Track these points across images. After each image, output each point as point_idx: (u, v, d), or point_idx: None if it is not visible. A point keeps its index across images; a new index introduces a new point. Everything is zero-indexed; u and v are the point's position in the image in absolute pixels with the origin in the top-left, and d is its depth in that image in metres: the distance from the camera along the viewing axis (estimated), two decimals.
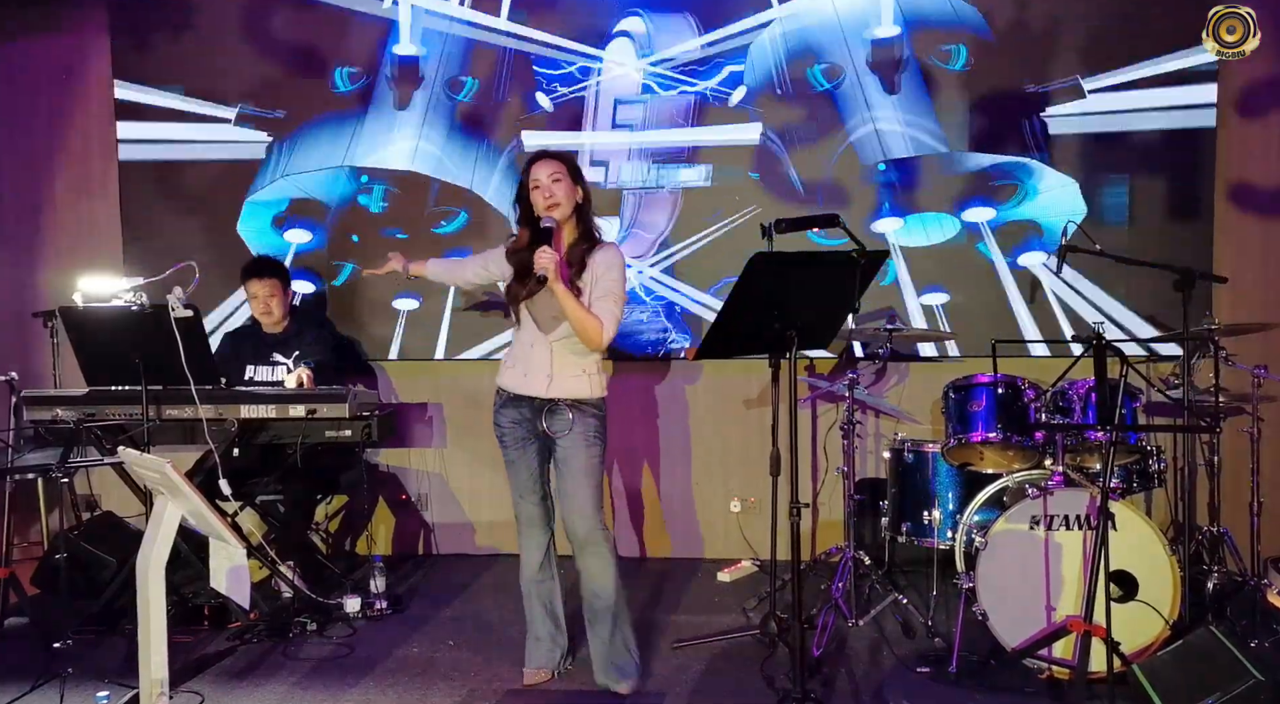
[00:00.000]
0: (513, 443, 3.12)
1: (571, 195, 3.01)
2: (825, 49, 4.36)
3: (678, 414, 4.61)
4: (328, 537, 4.60)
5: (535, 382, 3.03)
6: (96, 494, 4.64)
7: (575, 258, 3.01)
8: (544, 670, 3.22)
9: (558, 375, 3.02)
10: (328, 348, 4.23)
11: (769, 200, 4.40)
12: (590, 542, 3.04)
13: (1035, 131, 4.26)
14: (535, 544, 3.18)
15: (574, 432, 3.01)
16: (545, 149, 3.11)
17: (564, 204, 2.99)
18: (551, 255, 2.87)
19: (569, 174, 3.01)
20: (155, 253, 4.59)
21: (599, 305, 2.96)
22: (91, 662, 3.34)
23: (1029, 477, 3.46)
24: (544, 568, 3.20)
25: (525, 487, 3.15)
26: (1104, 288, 4.25)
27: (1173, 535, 3.82)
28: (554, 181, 2.98)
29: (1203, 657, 2.84)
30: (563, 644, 3.25)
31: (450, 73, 4.54)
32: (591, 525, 3.03)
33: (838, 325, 2.93)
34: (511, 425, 3.11)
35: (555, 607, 3.24)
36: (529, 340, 3.06)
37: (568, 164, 3.03)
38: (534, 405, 3.06)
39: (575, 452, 3.02)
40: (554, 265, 2.87)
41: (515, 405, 3.10)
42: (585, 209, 3.06)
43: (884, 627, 3.60)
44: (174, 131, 4.65)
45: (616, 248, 3.08)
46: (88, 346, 3.47)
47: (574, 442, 3.02)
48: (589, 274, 2.99)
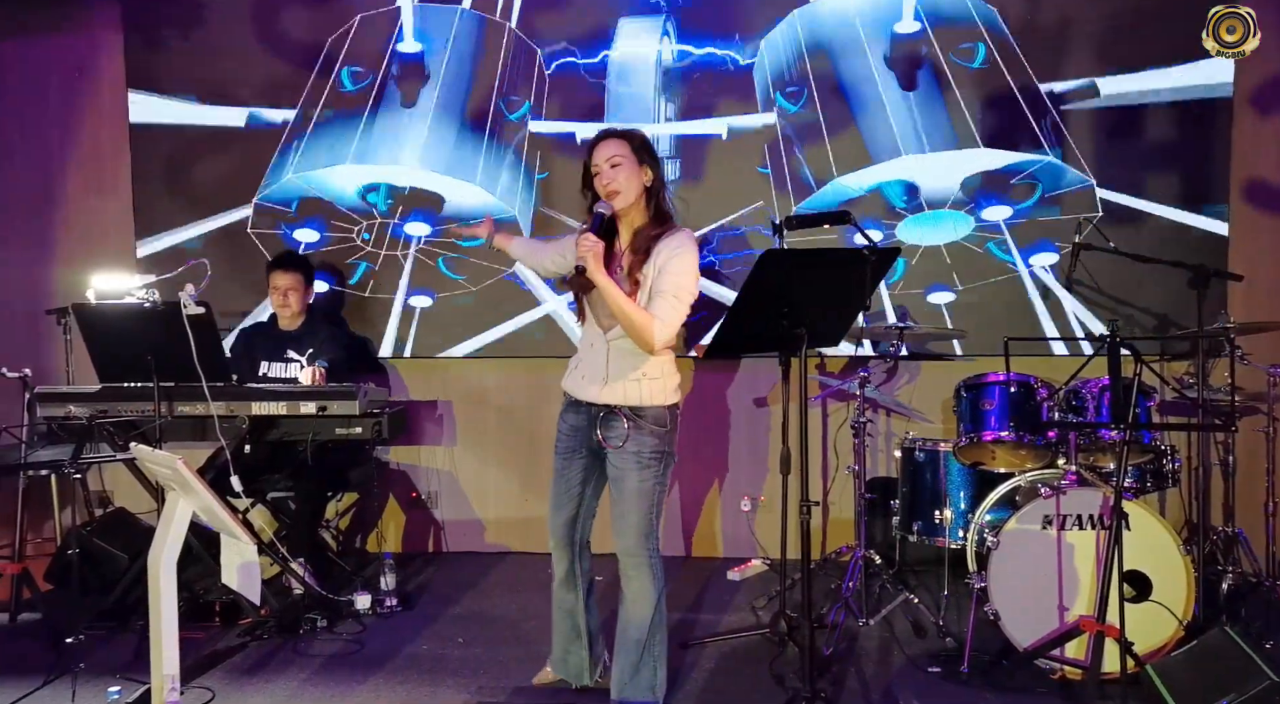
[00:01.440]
0: (562, 450, 2.90)
1: (635, 178, 2.71)
2: (840, 44, 4.34)
3: (688, 412, 4.59)
4: (338, 534, 4.61)
5: (590, 384, 2.77)
6: (109, 490, 4.66)
7: (640, 245, 2.70)
8: (553, 674, 3.12)
9: (613, 378, 2.73)
10: (341, 346, 4.25)
11: (779, 196, 4.39)
12: (631, 564, 2.78)
13: (1050, 129, 4.24)
14: (560, 560, 2.97)
15: (628, 448, 2.71)
16: (610, 127, 2.85)
17: (625, 190, 2.70)
18: (593, 243, 2.59)
19: (633, 154, 2.71)
20: (167, 251, 4.61)
21: (656, 301, 2.65)
22: (103, 657, 3.35)
23: (1041, 476, 3.44)
24: (566, 584, 2.98)
25: (558, 500, 2.92)
26: (1119, 286, 4.22)
27: (1187, 536, 3.80)
28: (613, 167, 2.69)
29: (1217, 658, 2.82)
30: (581, 659, 3.03)
31: (458, 69, 4.54)
32: (633, 549, 2.75)
33: (848, 323, 2.92)
34: (568, 432, 2.88)
35: (578, 619, 3.01)
36: (590, 339, 2.82)
37: (632, 143, 2.73)
38: (590, 413, 2.80)
39: (627, 471, 2.72)
40: (593, 254, 2.58)
41: (575, 411, 2.85)
42: (655, 191, 2.75)
43: (894, 626, 3.59)
44: (186, 129, 4.67)
45: (688, 235, 2.72)
46: (100, 343, 3.49)
47: (626, 459, 2.72)
48: (651, 264, 2.67)
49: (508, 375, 4.63)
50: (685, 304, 2.68)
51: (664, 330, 2.65)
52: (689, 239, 2.71)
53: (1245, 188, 4.20)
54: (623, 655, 2.84)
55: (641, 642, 2.80)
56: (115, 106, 4.73)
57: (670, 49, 4.42)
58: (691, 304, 2.70)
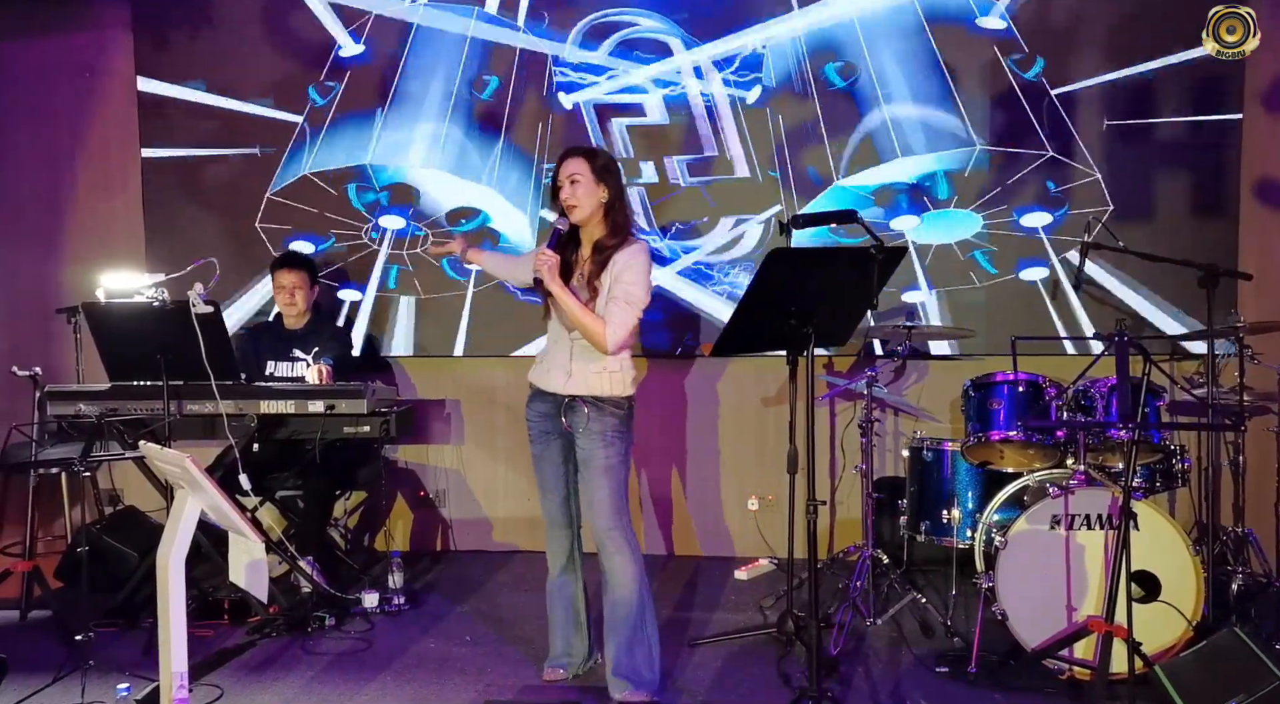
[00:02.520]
0: (537, 436, 3.10)
1: (593, 195, 2.91)
2: (845, 45, 4.34)
3: (695, 412, 4.60)
4: (346, 532, 4.63)
5: (555, 377, 3.01)
6: (119, 489, 4.68)
7: (598, 256, 2.93)
8: (559, 671, 3.17)
9: (576, 372, 2.97)
10: (346, 344, 4.26)
11: (787, 197, 4.38)
12: (609, 540, 2.96)
13: (1057, 127, 4.22)
14: (558, 545, 3.14)
15: (591, 430, 2.95)
16: (576, 145, 3.07)
17: (582, 205, 2.92)
18: (549, 257, 2.86)
19: (592, 173, 2.91)
20: (176, 249, 4.64)
21: (610, 306, 2.88)
22: (113, 654, 3.37)
23: (1050, 475, 3.43)
24: (567, 570, 3.14)
25: (548, 483, 3.11)
26: (1128, 285, 4.21)
27: (1196, 536, 3.78)
28: (572, 184, 2.91)
29: (1226, 658, 2.80)
30: (581, 648, 3.20)
31: (470, 71, 4.54)
32: (608, 525, 2.95)
33: (855, 322, 2.91)
34: (537, 419, 3.09)
35: (578, 610, 3.18)
36: (554, 335, 3.06)
37: (593, 163, 2.93)
38: (556, 401, 3.03)
39: (593, 450, 2.95)
40: (547, 268, 2.85)
41: (542, 400, 3.08)
42: (614, 206, 2.95)
43: (902, 626, 3.58)
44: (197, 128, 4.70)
45: (642, 247, 2.95)
46: (110, 342, 3.50)
47: (592, 440, 2.95)
48: (608, 273, 2.90)
49: (516, 374, 4.63)
50: (637, 309, 2.91)
51: (615, 333, 2.87)
52: (642, 251, 2.94)
53: (1256, 187, 4.18)
54: (616, 636, 2.98)
55: (631, 620, 2.96)
56: (125, 105, 4.75)
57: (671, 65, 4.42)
58: (644, 308, 2.94)
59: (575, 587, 3.17)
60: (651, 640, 3.00)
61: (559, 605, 3.17)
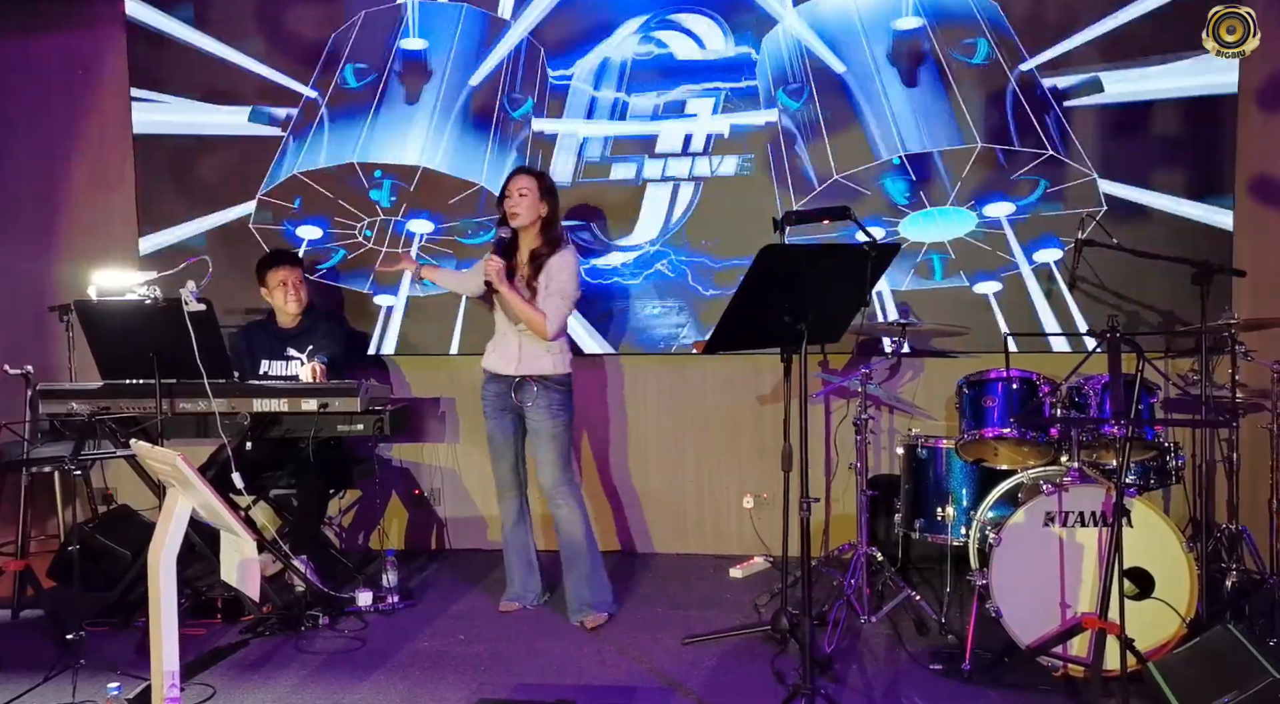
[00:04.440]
0: (492, 412, 3.68)
1: (535, 209, 3.51)
2: (842, 41, 4.33)
3: (689, 409, 4.59)
4: (340, 531, 4.62)
5: (507, 362, 3.61)
6: (112, 487, 4.68)
7: (535, 262, 3.51)
8: (515, 603, 3.77)
9: (525, 357, 3.57)
10: (341, 342, 4.24)
11: (782, 193, 4.38)
12: (557, 494, 3.59)
13: (1053, 125, 4.22)
14: (510, 503, 3.75)
15: (539, 404, 3.57)
16: (527, 166, 3.65)
17: (523, 215, 3.50)
18: (497, 263, 3.44)
19: (536, 190, 3.51)
20: (169, 248, 4.62)
21: (547, 302, 3.49)
22: (105, 653, 3.36)
23: (1044, 473, 3.42)
24: (518, 525, 3.76)
25: (500, 451, 3.70)
26: (1123, 282, 4.20)
27: (1190, 533, 3.78)
28: (520, 196, 3.49)
29: (1219, 655, 2.81)
30: (535, 585, 3.81)
31: (461, 66, 4.53)
32: (556, 480, 3.58)
33: (849, 319, 2.91)
34: (492, 399, 3.68)
35: (529, 554, 3.81)
36: (503, 328, 3.66)
37: (540, 182, 3.54)
38: (508, 382, 3.61)
39: (541, 420, 3.58)
40: (496, 272, 3.44)
41: (495, 382, 3.67)
42: (550, 220, 3.54)
43: (897, 623, 3.58)
44: (189, 127, 4.68)
45: (572, 253, 3.58)
46: (102, 340, 3.50)
47: (540, 412, 3.58)
48: (544, 276, 3.49)
49: None
50: (569, 302, 3.56)
51: (553, 322, 3.51)
52: (571, 255, 3.57)
53: (1252, 184, 4.18)
54: (574, 572, 3.63)
55: (584, 554, 3.62)
56: (118, 103, 4.73)
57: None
58: (575, 301, 3.59)
59: (527, 536, 3.80)
60: (600, 571, 3.67)
61: (514, 552, 3.78)
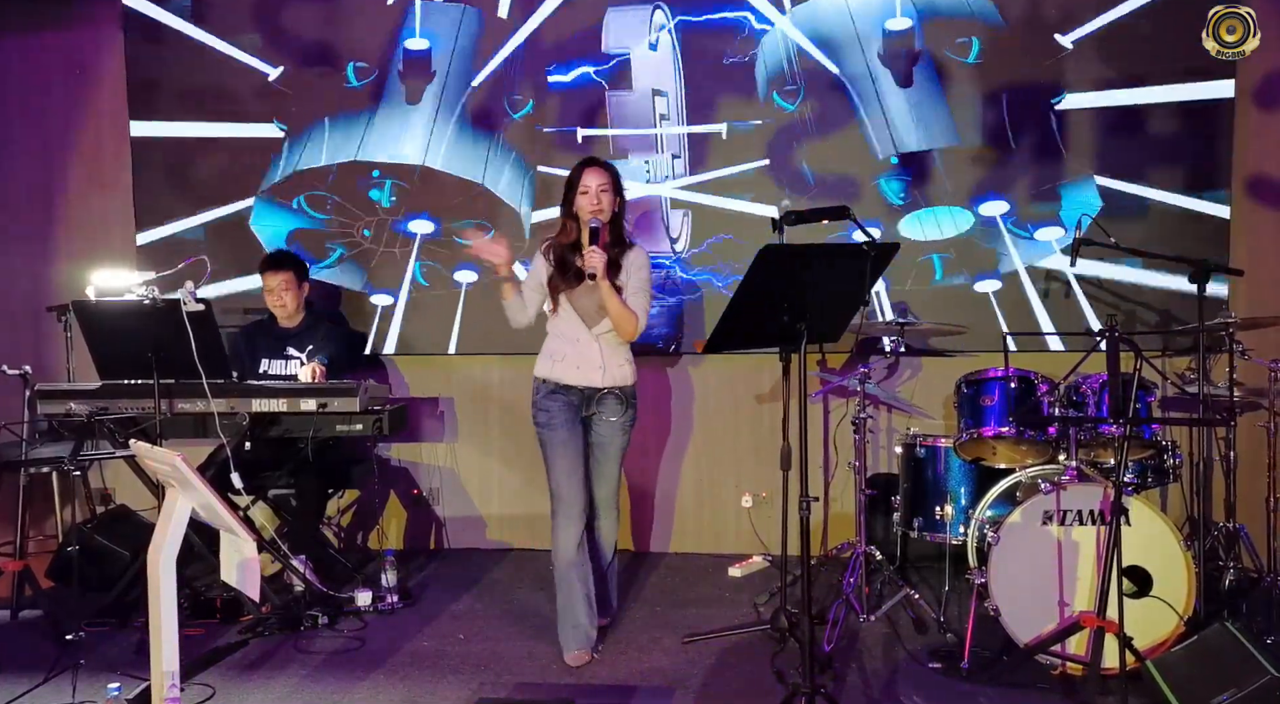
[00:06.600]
0: (563, 425, 3.31)
1: (613, 205, 3.31)
2: (837, 41, 4.34)
3: (688, 408, 4.59)
4: (339, 531, 4.62)
5: (590, 373, 3.31)
6: (111, 488, 4.67)
7: (612, 259, 3.27)
8: (585, 652, 3.30)
9: (609, 366, 3.31)
10: (340, 342, 4.24)
11: (780, 192, 4.38)
12: (610, 507, 3.44)
13: (1049, 124, 4.22)
14: (574, 528, 3.28)
15: (617, 418, 3.34)
16: (594, 157, 3.38)
17: (607, 212, 3.28)
18: (602, 256, 3.17)
19: (613, 185, 3.31)
20: (167, 247, 4.62)
21: (633, 300, 3.28)
22: (104, 654, 3.36)
23: (1042, 471, 3.43)
24: (581, 550, 3.30)
25: (573, 467, 3.31)
26: (1120, 280, 4.21)
27: (1188, 531, 3.79)
28: (602, 191, 3.26)
29: (1217, 653, 2.82)
30: (594, 624, 3.35)
31: (462, 67, 4.54)
32: (612, 494, 3.44)
33: (848, 319, 2.91)
34: (562, 409, 3.31)
35: (589, 588, 3.32)
36: (574, 334, 3.32)
37: (614, 177, 3.33)
38: (584, 394, 3.33)
39: (614, 436, 3.36)
40: (603, 265, 3.17)
41: (564, 393, 3.33)
42: (620, 216, 3.36)
43: (896, 622, 3.59)
44: (187, 128, 4.68)
45: (644, 249, 3.42)
46: (101, 341, 3.49)
47: (613, 429, 3.35)
48: (624, 273, 3.29)
49: (510, 371, 4.62)
50: (650, 302, 3.40)
51: (643, 322, 3.33)
52: (645, 253, 3.42)
53: (1248, 183, 4.18)
54: (606, 577, 3.50)
55: (612, 562, 3.53)
56: (116, 102, 4.73)
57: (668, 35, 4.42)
58: None
59: (588, 567, 3.33)
60: (613, 580, 3.57)
61: (578, 584, 3.28)
